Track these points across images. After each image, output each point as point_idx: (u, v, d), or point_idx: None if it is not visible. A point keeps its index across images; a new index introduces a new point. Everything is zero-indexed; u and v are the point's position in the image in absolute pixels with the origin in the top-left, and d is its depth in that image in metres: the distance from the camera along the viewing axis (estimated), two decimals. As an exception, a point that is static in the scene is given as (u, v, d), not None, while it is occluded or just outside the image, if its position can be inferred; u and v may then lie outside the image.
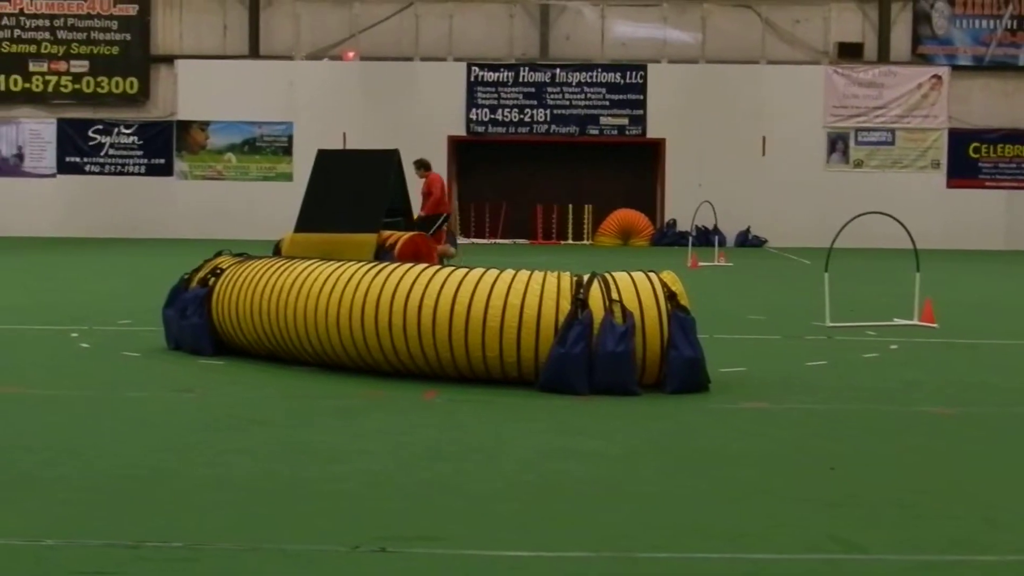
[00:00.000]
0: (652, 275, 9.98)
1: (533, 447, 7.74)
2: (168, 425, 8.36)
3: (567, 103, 38.56)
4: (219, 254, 12.54)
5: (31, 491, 6.47)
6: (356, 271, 10.69)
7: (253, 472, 6.96)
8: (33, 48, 39.79)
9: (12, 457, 7.27)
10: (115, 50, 39.80)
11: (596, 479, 6.93)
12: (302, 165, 34.00)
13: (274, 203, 35.86)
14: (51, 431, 8.13)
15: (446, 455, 7.47)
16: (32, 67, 39.77)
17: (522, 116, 38.56)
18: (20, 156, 39.48)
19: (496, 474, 7.02)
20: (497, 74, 38.56)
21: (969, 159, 38.60)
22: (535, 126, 38.62)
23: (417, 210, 22.45)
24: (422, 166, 23.42)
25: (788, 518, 6.11)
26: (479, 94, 38.55)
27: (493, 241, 38.50)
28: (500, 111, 38.55)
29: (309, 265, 11.23)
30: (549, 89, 38.54)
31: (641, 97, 38.45)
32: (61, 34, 39.80)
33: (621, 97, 38.46)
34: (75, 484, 6.64)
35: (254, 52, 39.61)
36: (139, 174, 39.20)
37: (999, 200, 38.47)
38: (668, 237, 37.43)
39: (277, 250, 21.77)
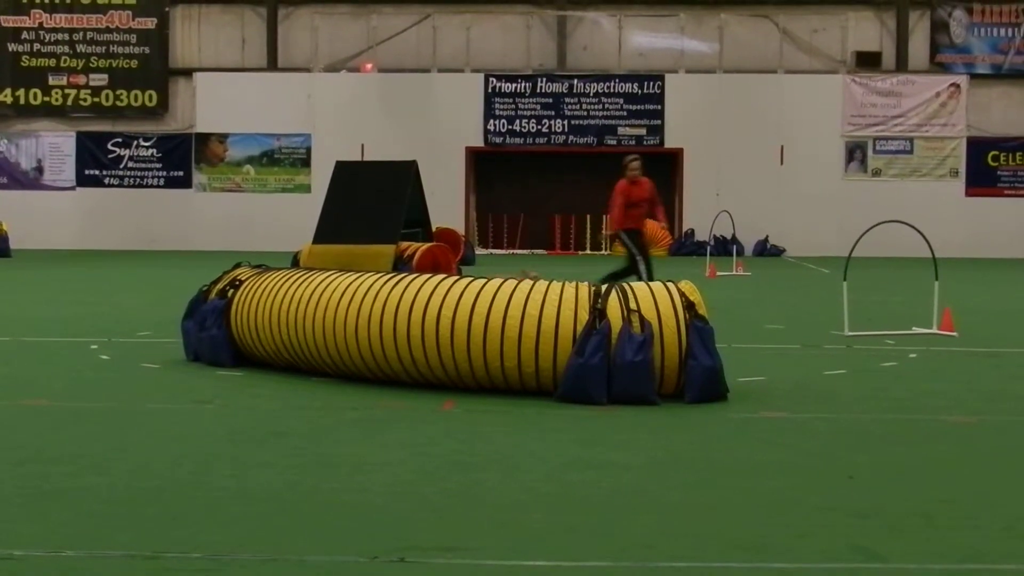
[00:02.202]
0: (670, 285, 9.97)
1: (553, 457, 7.73)
2: (189, 437, 8.37)
3: (585, 113, 38.57)
4: (238, 266, 12.56)
5: (54, 502, 6.48)
6: (374, 282, 10.70)
7: (274, 483, 6.97)
8: (53, 62, 39.95)
9: (36, 469, 7.28)
10: (134, 63, 39.93)
11: (616, 489, 6.92)
12: (320, 177, 34.09)
13: (293, 215, 35.93)
14: (74, 443, 8.14)
15: (466, 466, 7.47)
16: (52, 80, 39.93)
17: (540, 127, 38.59)
18: (40, 169, 39.62)
19: (516, 484, 7.02)
20: (515, 85, 38.59)
21: (988, 167, 38.51)
22: (553, 137, 38.64)
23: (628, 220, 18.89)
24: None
25: (810, 528, 6.09)
26: (497, 105, 38.58)
27: (511, 252, 38.50)
28: (518, 122, 38.58)
29: (327, 276, 11.24)
30: (567, 99, 38.57)
31: (659, 107, 38.45)
32: (80, 48, 39.95)
33: (639, 107, 38.46)
34: (97, 495, 6.65)
35: (272, 64, 39.71)
36: (158, 187, 39.32)
37: (1018, 208, 38.36)
38: (686, 247, 37.40)
39: (296, 261, 21.85)
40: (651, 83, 38.49)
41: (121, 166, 39.42)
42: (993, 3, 39.07)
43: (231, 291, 11.98)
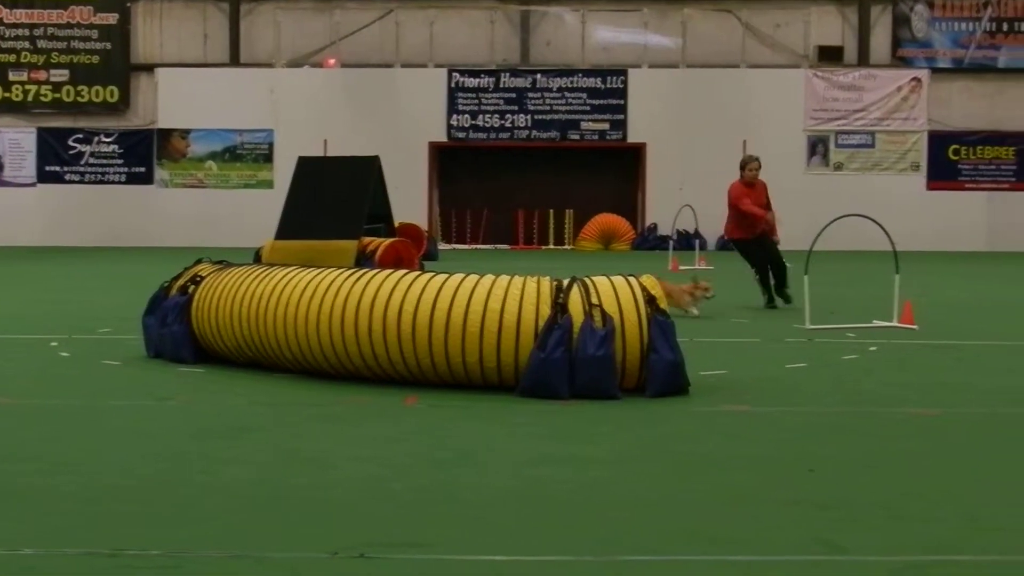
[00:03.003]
0: (632, 279, 9.98)
1: (518, 453, 7.72)
2: (151, 434, 8.32)
3: (548, 108, 38.55)
4: (199, 262, 12.51)
5: (13, 501, 6.43)
6: (336, 278, 10.67)
7: (237, 480, 6.93)
8: (13, 57, 39.68)
9: (-8, 467, 7.23)
10: (95, 59, 39.70)
11: (579, 483, 6.92)
12: (283, 172, 33.95)
13: (255, 211, 35.79)
14: (34, 441, 8.08)
15: (431, 461, 7.45)
16: (12, 76, 39.65)
17: (503, 122, 38.55)
18: (0, 166, 39.35)
19: (480, 480, 7.00)
20: (478, 80, 38.54)
21: (949, 161, 38.67)
22: (516, 131, 38.61)
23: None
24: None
25: (773, 521, 6.10)
26: (460, 100, 38.53)
27: (474, 247, 38.47)
28: (481, 117, 38.53)
29: (289, 272, 11.20)
30: (530, 94, 38.54)
31: (622, 102, 38.45)
32: (41, 43, 39.69)
33: (602, 102, 38.46)
34: (57, 493, 6.60)
35: (235, 60, 39.55)
36: (120, 183, 39.10)
37: (979, 202, 38.54)
38: (649, 241, 37.42)
39: (258, 257, 21.77)
40: (614, 78, 38.49)
41: (82, 162, 39.20)
42: (954, -2, 39.25)
43: (192, 287, 11.93)
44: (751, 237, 17.58)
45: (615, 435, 8.31)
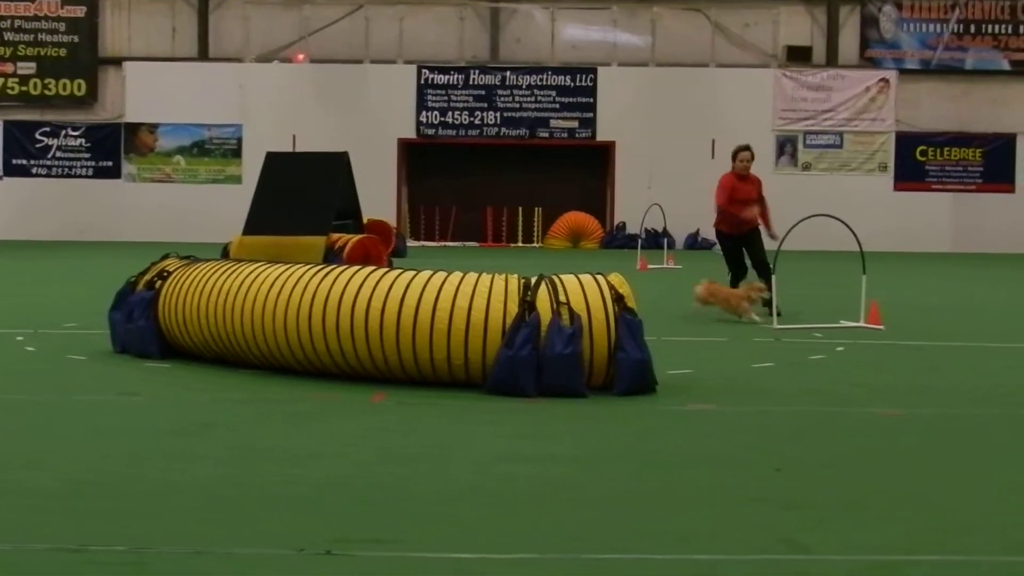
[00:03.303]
0: (600, 277, 10.00)
1: (483, 450, 7.73)
2: (118, 429, 8.30)
3: (517, 106, 38.56)
4: (166, 257, 12.47)
5: (-25, 496, 6.41)
6: (304, 274, 10.66)
7: (204, 476, 6.92)
8: (-21, 50, 39.47)
9: (-44, 462, 7.20)
10: (63, 52, 39.50)
11: (546, 481, 6.93)
12: (251, 168, 33.85)
13: (223, 206, 35.66)
14: (-4, 435, 8.06)
15: (398, 458, 7.45)
16: (-22, 69, 39.45)
17: (472, 119, 38.54)
18: (-34, 159, 39.15)
19: (447, 477, 7.01)
20: (447, 77, 38.52)
21: (916, 162, 38.83)
22: (485, 129, 38.60)
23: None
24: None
25: (738, 520, 6.13)
26: (429, 96, 38.50)
27: (443, 244, 38.46)
28: (450, 114, 38.51)
29: (257, 268, 11.18)
30: (499, 92, 38.53)
31: (591, 100, 38.49)
32: (8, 36, 39.48)
33: (571, 100, 38.49)
34: (22, 489, 6.58)
35: (203, 54, 39.41)
36: (87, 177, 38.93)
37: (946, 203, 38.73)
38: (618, 240, 37.47)
39: (226, 253, 21.70)
40: (584, 76, 38.53)
41: (49, 156, 39.01)
42: (922, -1, 39.41)
43: (159, 282, 11.90)
44: (734, 234, 16.72)
45: (581, 433, 8.33)
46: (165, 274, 11.96)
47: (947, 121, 39.13)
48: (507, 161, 39.14)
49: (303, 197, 21.75)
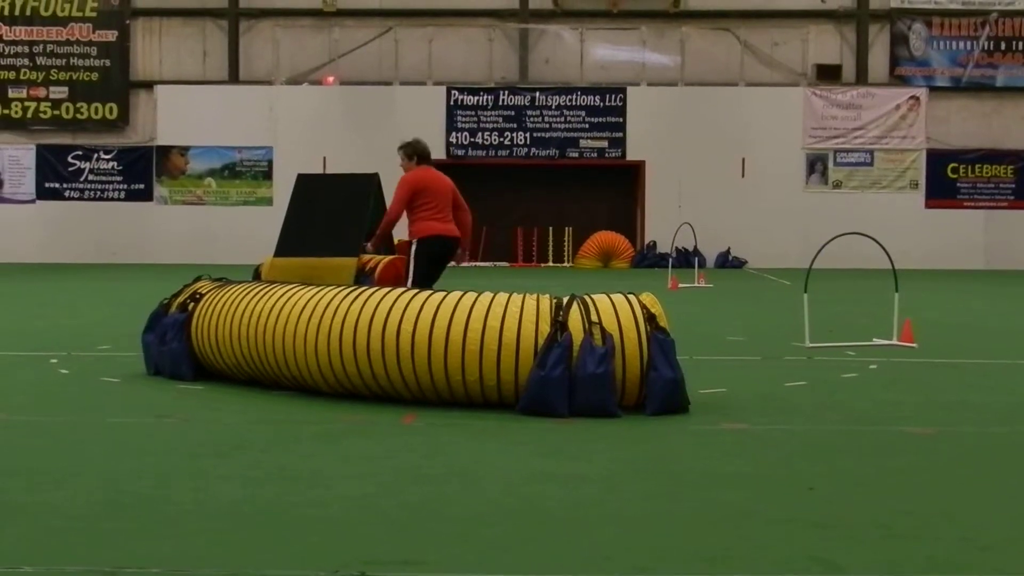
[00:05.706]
0: (632, 297, 9.99)
1: (514, 470, 7.73)
2: (150, 451, 8.32)
3: (547, 126, 38.63)
4: (198, 279, 12.52)
5: (12, 517, 6.43)
6: (335, 295, 10.68)
7: (235, 498, 6.94)
8: (12, 74, 39.77)
9: (-9, 484, 7.24)
10: (94, 76, 39.78)
11: (578, 502, 6.92)
12: (282, 189, 34.00)
13: (254, 228, 35.82)
14: (33, 457, 8.09)
15: (427, 479, 7.45)
16: (11, 93, 39.76)
17: (502, 139, 38.63)
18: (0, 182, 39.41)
19: (478, 497, 7.01)
20: (477, 98, 38.63)
21: (947, 179, 38.76)
22: (515, 149, 38.68)
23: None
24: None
25: (769, 539, 6.11)
26: (459, 118, 38.60)
27: (473, 264, 38.48)
28: (480, 134, 38.61)
29: (288, 290, 11.21)
30: (529, 112, 38.62)
31: (621, 120, 38.55)
32: (40, 60, 39.79)
33: (601, 120, 38.55)
34: (56, 510, 6.60)
35: (234, 77, 39.63)
36: (119, 199, 39.17)
37: (977, 220, 38.63)
38: (648, 259, 37.48)
39: (257, 275, 21.74)
40: (613, 96, 38.59)
41: (81, 179, 39.26)
42: (952, 16, 39.33)
43: (192, 304, 11.94)
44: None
45: (612, 452, 8.32)
46: (198, 296, 12.01)
47: (978, 138, 39.04)
48: (537, 181, 39.20)
49: (334, 218, 21.78)
